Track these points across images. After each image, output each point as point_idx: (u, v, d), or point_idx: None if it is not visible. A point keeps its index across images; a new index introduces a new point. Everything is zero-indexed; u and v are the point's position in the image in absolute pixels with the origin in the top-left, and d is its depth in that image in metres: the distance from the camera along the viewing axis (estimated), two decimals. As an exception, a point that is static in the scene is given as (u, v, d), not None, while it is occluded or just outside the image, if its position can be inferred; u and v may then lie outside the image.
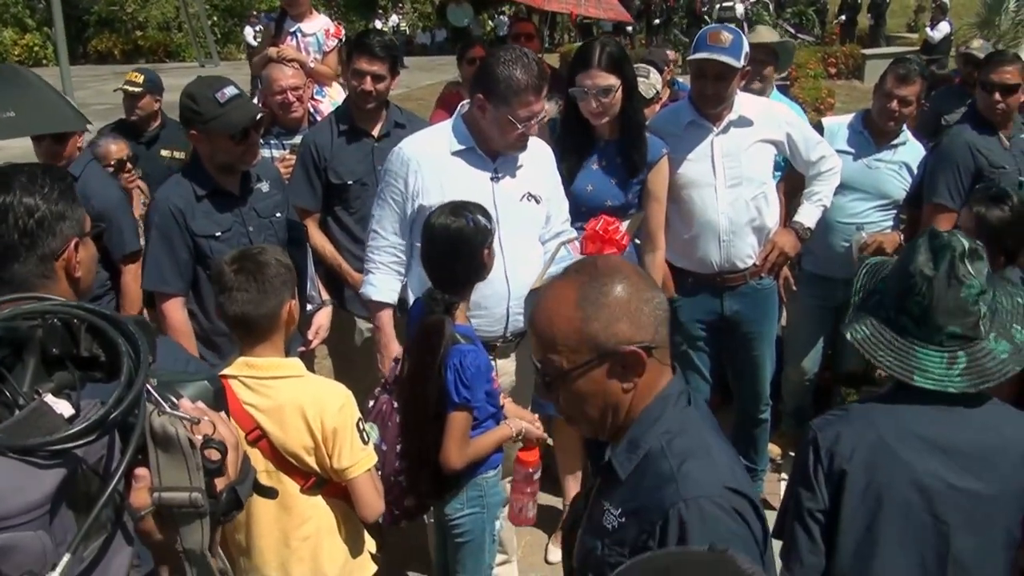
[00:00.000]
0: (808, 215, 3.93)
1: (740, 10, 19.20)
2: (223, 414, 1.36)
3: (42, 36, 29.43)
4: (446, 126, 3.31)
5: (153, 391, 1.24)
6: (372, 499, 2.54)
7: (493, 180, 3.22)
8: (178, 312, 3.34)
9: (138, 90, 5.30)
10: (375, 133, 3.97)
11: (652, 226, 3.73)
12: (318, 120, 4.63)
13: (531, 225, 3.28)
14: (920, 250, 1.98)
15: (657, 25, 22.22)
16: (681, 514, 1.53)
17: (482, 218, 2.83)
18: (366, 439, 2.53)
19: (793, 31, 20.04)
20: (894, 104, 4.20)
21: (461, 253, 2.80)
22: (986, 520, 1.94)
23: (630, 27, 18.60)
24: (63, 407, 1.14)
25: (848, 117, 4.56)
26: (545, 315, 1.66)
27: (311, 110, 5.00)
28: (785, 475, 4.53)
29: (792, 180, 4.18)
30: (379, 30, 6.45)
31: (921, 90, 4.30)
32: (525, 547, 4.05)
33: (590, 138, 3.63)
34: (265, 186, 3.51)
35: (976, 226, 3.11)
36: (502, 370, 3.27)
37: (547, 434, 3.16)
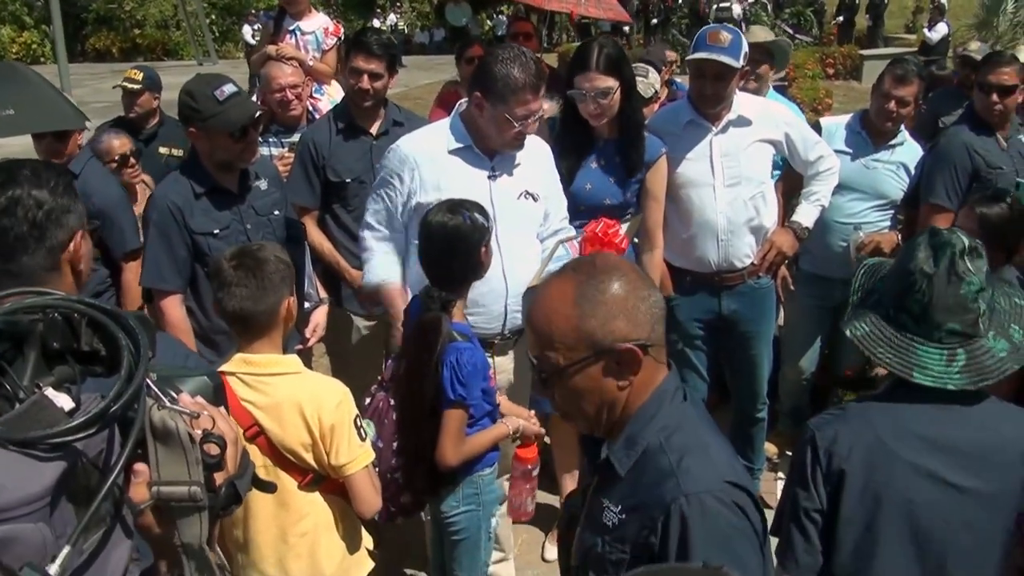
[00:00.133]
0: (806, 215, 3.94)
1: (737, 10, 19.25)
2: (222, 409, 1.37)
3: (40, 34, 29.43)
4: (443, 124, 3.31)
5: (153, 386, 1.24)
6: (369, 495, 2.54)
7: (490, 178, 3.23)
8: (176, 309, 3.34)
9: (137, 87, 5.29)
10: (373, 131, 3.97)
11: (650, 225, 3.73)
12: (317, 118, 4.64)
13: (529, 223, 3.29)
14: (920, 247, 1.98)
15: (655, 25, 22.25)
16: (682, 509, 1.54)
17: (479, 216, 2.84)
18: (363, 436, 2.54)
19: (791, 31, 20.09)
20: (892, 104, 4.21)
21: (458, 251, 2.81)
22: (984, 518, 1.95)
23: (627, 27, 18.63)
24: (63, 401, 1.14)
25: (846, 117, 4.57)
26: (542, 312, 1.67)
27: (310, 108, 5.01)
28: (782, 474, 4.54)
29: (790, 180, 4.19)
30: (377, 29, 6.44)
31: (919, 91, 4.31)
32: (522, 545, 4.06)
33: (589, 137, 3.63)
34: (263, 184, 3.52)
35: (979, 226, 3.13)
36: (499, 368, 3.27)
37: (544, 431, 3.16)
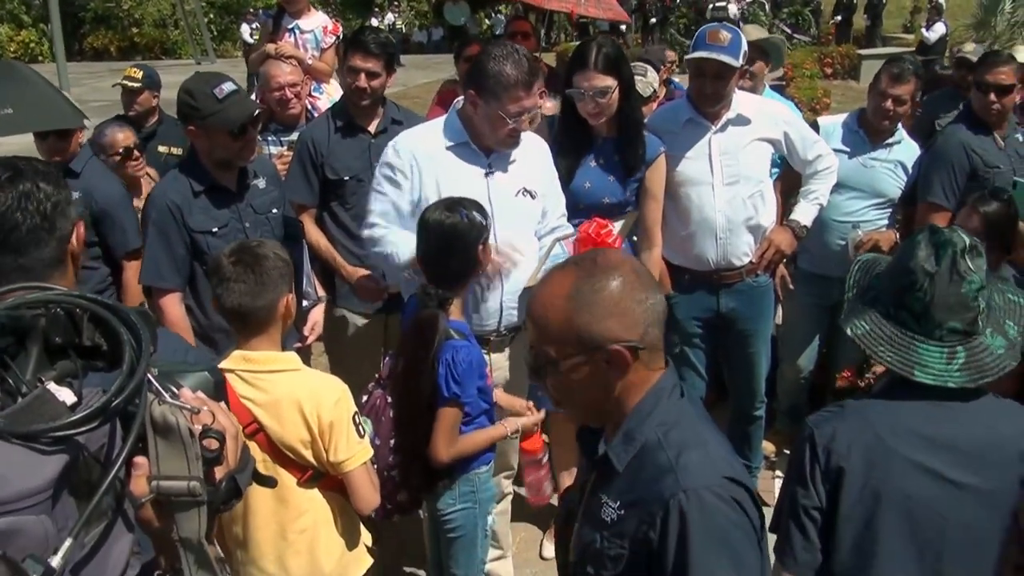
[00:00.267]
0: (805, 213, 3.95)
1: (733, 10, 19.28)
2: (223, 404, 1.38)
3: (38, 32, 29.43)
4: (440, 122, 3.32)
5: (154, 381, 1.25)
6: (368, 492, 2.55)
7: (488, 175, 3.23)
8: (175, 307, 3.34)
9: (137, 85, 5.29)
10: (372, 129, 3.97)
11: (649, 223, 3.74)
12: (316, 117, 4.64)
13: (526, 220, 3.29)
14: (920, 246, 1.98)
15: (653, 24, 22.26)
16: (681, 504, 1.54)
17: (477, 215, 2.85)
18: (362, 432, 2.54)
19: (789, 31, 20.13)
20: (889, 103, 4.22)
21: (455, 249, 2.82)
22: (982, 515, 1.95)
23: (624, 26, 18.63)
24: (65, 395, 1.15)
25: (843, 116, 4.58)
26: (539, 303, 1.69)
27: (309, 107, 5.01)
28: (779, 472, 4.55)
29: (789, 179, 4.20)
30: (375, 28, 6.44)
31: (916, 89, 4.32)
32: (520, 543, 4.07)
33: (588, 136, 3.64)
34: (261, 182, 3.52)
35: (983, 225, 3.14)
36: (495, 365, 3.28)
37: (542, 416, 3.15)
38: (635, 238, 3.81)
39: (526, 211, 3.29)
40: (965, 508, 1.95)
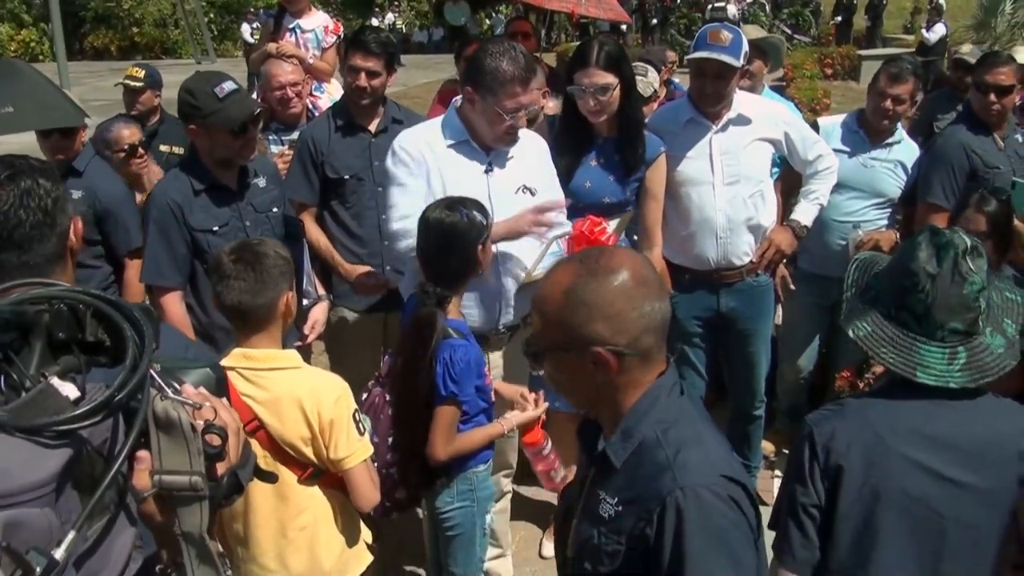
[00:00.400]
0: (805, 213, 3.95)
1: (732, 11, 19.29)
2: (225, 400, 1.38)
3: (38, 32, 29.43)
4: (440, 120, 3.32)
5: (156, 376, 1.26)
6: (368, 489, 2.55)
7: (488, 173, 3.24)
8: (176, 306, 3.35)
9: (139, 85, 5.30)
10: (372, 129, 3.98)
11: (649, 223, 3.74)
12: (316, 116, 4.65)
13: None
14: (921, 247, 1.99)
15: (654, 25, 22.27)
16: (678, 502, 1.55)
17: (478, 214, 2.85)
18: (362, 430, 2.55)
19: (789, 31, 20.14)
20: (888, 103, 4.23)
21: (455, 248, 2.82)
22: (981, 513, 1.96)
23: (624, 26, 18.64)
24: (69, 389, 1.16)
25: (843, 117, 4.59)
26: (542, 291, 1.73)
27: (310, 106, 5.02)
28: (779, 472, 4.56)
29: (789, 179, 4.21)
30: (376, 27, 6.45)
31: (915, 89, 4.33)
32: (520, 542, 4.07)
33: (589, 135, 3.64)
34: (262, 181, 3.53)
35: (988, 225, 3.16)
36: (493, 363, 3.28)
37: (542, 408, 3.14)
38: (635, 237, 3.82)
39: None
40: (964, 507, 1.95)
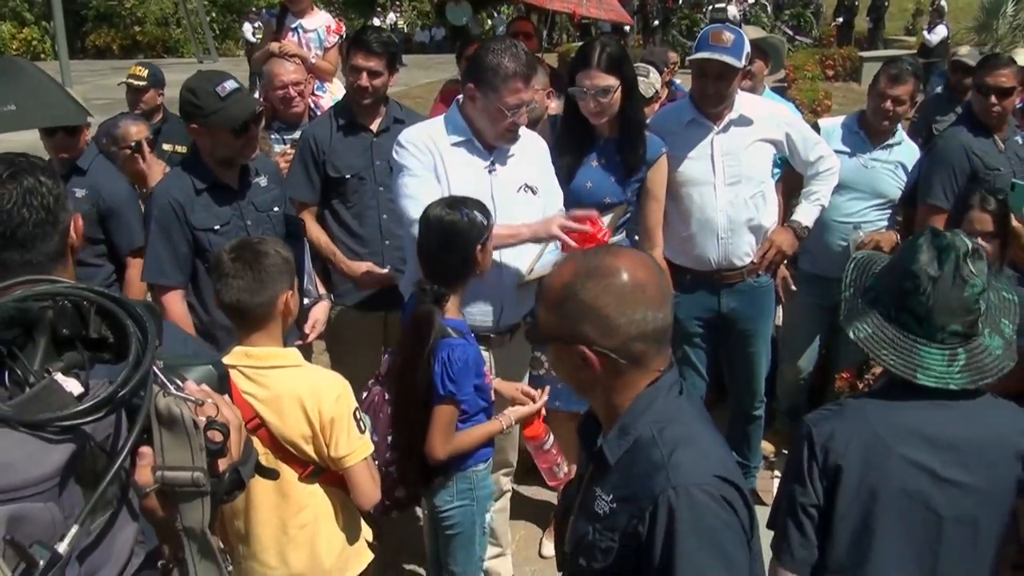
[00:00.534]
0: (806, 214, 3.96)
1: (732, 11, 19.29)
2: (227, 397, 1.39)
3: (40, 30, 29.43)
4: (443, 119, 3.33)
5: (159, 373, 1.27)
6: (368, 487, 2.56)
7: (490, 172, 3.25)
8: (177, 305, 3.35)
9: (142, 84, 5.29)
10: (374, 128, 3.98)
11: (650, 224, 3.75)
12: (319, 115, 4.66)
13: (528, 217, 3.27)
14: (922, 250, 1.99)
15: (655, 26, 22.25)
16: (670, 501, 1.55)
17: (479, 214, 2.85)
18: (363, 428, 2.56)
19: (791, 33, 20.14)
20: (888, 104, 4.24)
21: (453, 246, 2.83)
22: (979, 513, 1.96)
23: (627, 27, 18.63)
24: (72, 385, 1.17)
25: (844, 118, 4.60)
26: (548, 278, 1.78)
27: (312, 105, 5.03)
28: (778, 472, 4.56)
29: (790, 180, 4.21)
30: (378, 27, 6.48)
31: (915, 90, 4.34)
32: (519, 541, 4.08)
33: (590, 136, 3.65)
34: (263, 180, 3.54)
35: (995, 224, 3.17)
36: (496, 362, 3.28)
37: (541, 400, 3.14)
38: (636, 238, 3.82)
39: (528, 208, 3.29)
40: (962, 507, 1.96)
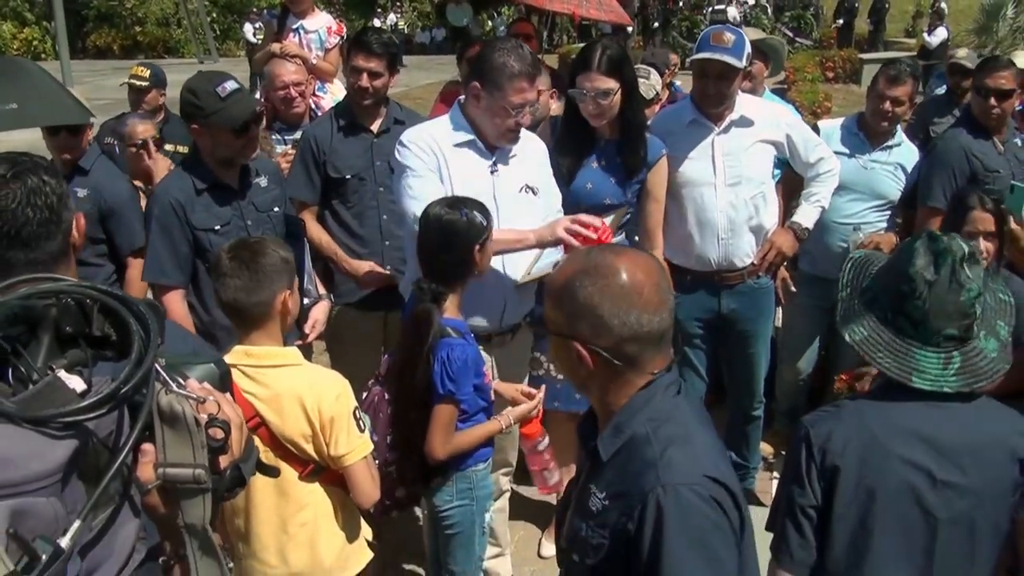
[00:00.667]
0: (806, 215, 3.96)
1: (732, 13, 19.29)
2: (228, 395, 1.40)
3: (41, 30, 29.42)
4: (446, 119, 3.33)
5: (162, 371, 1.28)
6: (368, 486, 2.57)
7: (493, 172, 3.26)
8: (178, 304, 3.36)
9: (144, 84, 5.30)
10: (374, 129, 3.99)
11: (650, 225, 3.75)
12: (319, 116, 4.67)
13: (529, 217, 3.29)
14: (919, 253, 2.00)
15: (656, 28, 22.25)
16: (659, 499, 1.56)
17: (479, 215, 2.86)
18: (362, 427, 2.56)
19: (791, 34, 20.15)
20: (887, 105, 4.25)
21: (452, 245, 2.84)
22: (973, 514, 1.97)
23: (630, 28, 18.63)
24: (75, 382, 1.18)
25: (843, 119, 4.61)
26: (556, 271, 1.81)
27: (313, 106, 5.04)
28: (777, 473, 4.56)
29: (791, 181, 4.22)
30: (378, 28, 6.49)
31: (913, 91, 4.36)
32: (519, 541, 4.08)
33: (591, 137, 3.65)
34: (263, 181, 3.55)
35: (997, 224, 3.18)
36: (495, 363, 3.29)
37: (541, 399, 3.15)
38: (637, 239, 3.83)
39: (529, 208, 3.31)
40: (957, 508, 1.97)
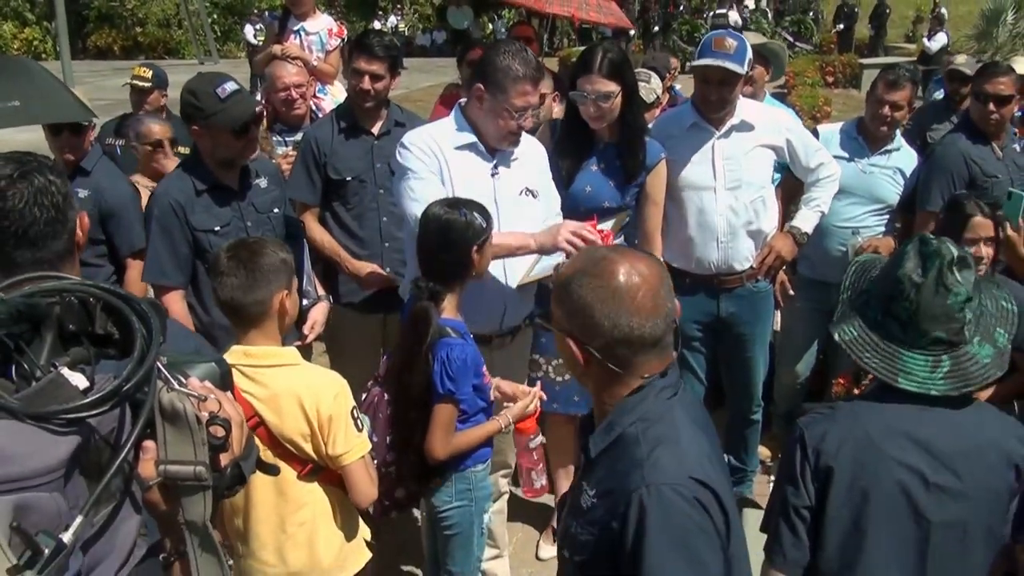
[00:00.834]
0: (806, 220, 3.97)
1: (733, 17, 19.32)
2: (229, 394, 1.41)
3: (42, 30, 29.38)
4: (447, 121, 3.35)
5: (163, 369, 1.29)
6: (366, 485, 2.58)
7: (494, 175, 3.27)
8: (178, 305, 3.37)
9: (147, 85, 5.30)
10: (375, 131, 4.00)
11: (649, 228, 3.77)
12: (320, 118, 4.68)
13: (529, 220, 3.30)
14: (909, 256, 2.01)
15: (656, 32, 22.28)
16: (642, 499, 1.57)
17: (478, 216, 2.87)
18: (360, 427, 2.57)
19: (791, 39, 20.17)
20: (886, 109, 4.27)
21: (450, 245, 2.85)
22: (965, 518, 1.98)
23: (631, 32, 18.65)
24: (78, 380, 1.19)
25: (842, 123, 4.62)
26: (562, 267, 1.87)
27: (313, 108, 5.05)
28: (775, 476, 4.57)
29: (790, 186, 4.23)
30: (379, 30, 6.51)
31: (912, 95, 4.38)
32: (517, 543, 4.09)
33: (590, 140, 3.66)
34: (263, 182, 3.56)
35: (996, 229, 3.20)
36: (494, 363, 3.30)
37: (541, 398, 3.16)
38: (636, 242, 3.84)
39: (529, 211, 3.32)
40: (950, 512, 1.97)
